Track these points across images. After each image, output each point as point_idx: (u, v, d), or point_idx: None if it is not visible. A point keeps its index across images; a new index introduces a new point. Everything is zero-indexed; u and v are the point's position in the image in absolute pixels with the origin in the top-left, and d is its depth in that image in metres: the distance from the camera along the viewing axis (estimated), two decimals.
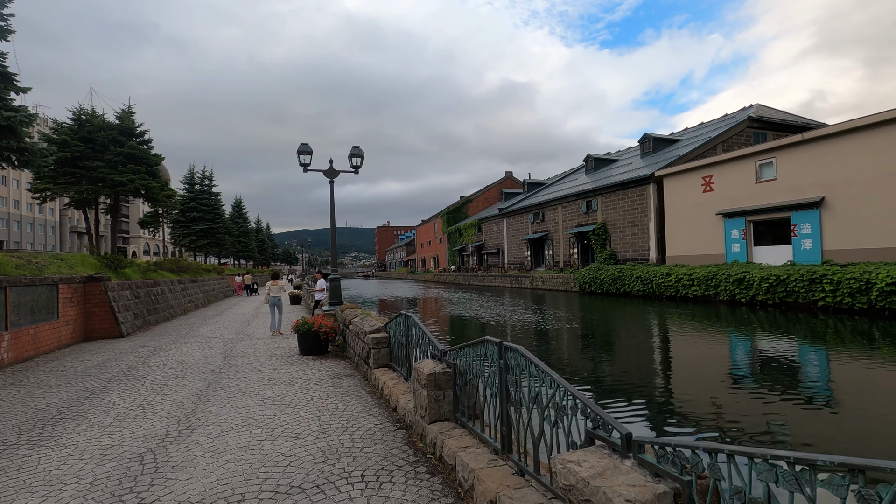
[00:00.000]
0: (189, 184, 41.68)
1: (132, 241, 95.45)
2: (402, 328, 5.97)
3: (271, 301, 13.00)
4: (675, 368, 10.34)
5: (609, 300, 28.85)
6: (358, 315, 8.69)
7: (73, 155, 18.84)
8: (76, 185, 19.03)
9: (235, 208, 64.20)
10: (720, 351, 12.25)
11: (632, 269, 30.63)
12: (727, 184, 27.35)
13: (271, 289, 13.18)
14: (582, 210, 40.23)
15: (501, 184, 77.17)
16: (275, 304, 12.97)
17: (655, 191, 32.70)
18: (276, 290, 13.15)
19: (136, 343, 11.63)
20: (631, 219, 34.89)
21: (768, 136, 34.94)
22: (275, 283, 13.30)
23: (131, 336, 13.01)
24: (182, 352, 10.08)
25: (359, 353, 7.72)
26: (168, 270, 21.74)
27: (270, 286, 13.26)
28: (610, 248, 36.57)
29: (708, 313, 20.28)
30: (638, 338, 14.49)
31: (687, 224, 29.92)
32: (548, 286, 39.61)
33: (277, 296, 13.13)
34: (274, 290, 13.13)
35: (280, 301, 13.14)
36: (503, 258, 54.75)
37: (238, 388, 6.71)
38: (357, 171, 11.65)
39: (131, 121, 21.05)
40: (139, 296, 15.09)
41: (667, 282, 27.15)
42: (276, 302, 12.99)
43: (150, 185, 19.90)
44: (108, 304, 12.60)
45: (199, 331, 13.97)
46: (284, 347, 10.27)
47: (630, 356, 11.50)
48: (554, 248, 44.62)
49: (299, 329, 9.02)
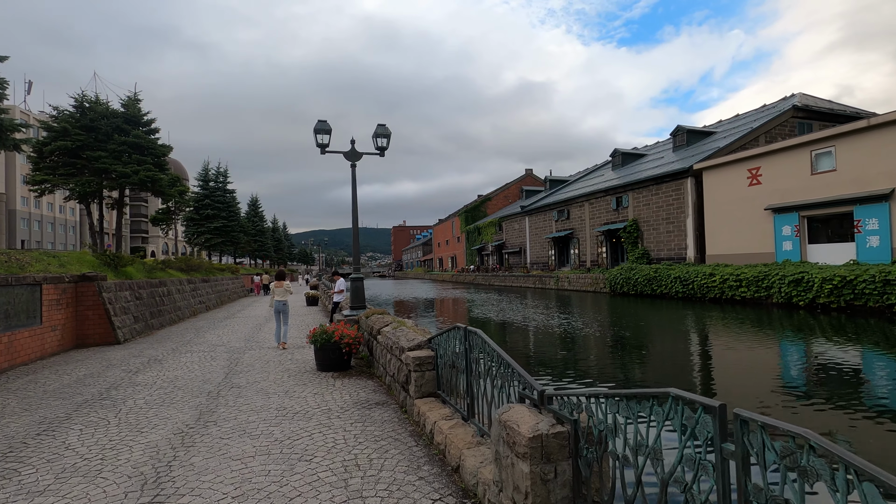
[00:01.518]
0: (203, 181, 40.52)
1: (151, 240, 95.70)
2: (458, 348, 4.27)
3: (276, 307, 10.69)
4: (739, 378, 8.53)
5: (645, 302, 26.81)
6: (389, 323, 7.03)
7: (73, 144, 17.47)
8: (77, 176, 17.78)
9: (251, 207, 63.31)
10: (791, 360, 10.32)
11: (669, 268, 28.53)
12: (777, 176, 25.11)
13: (275, 291, 10.74)
14: (611, 206, 38.15)
15: (521, 181, 75.12)
16: (280, 310, 10.65)
17: (694, 185, 30.53)
18: (280, 293, 10.72)
19: (131, 352, 10.15)
20: (666, 215, 32.74)
21: (814, 125, 32.55)
22: (279, 285, 10.77)
23: (129, 342, 11.56)
24: (179, 364, 8.53)
25: (392, 374, 6.05)
26: (178, 269, 20.43)
27: (274, 288, 10.80)
28: (642, 247, 34.46)
29: (762, 317, 18.25)
30: (696, 345, 12.58)
31: (730, 220, 27.70)
32: (575, 287, 37.61)
33: (283, 300, 10.71)
34: (279, 294, 10.70)
35: (287, 307, 10.78)
36: (525, 257, 52.81)
37: (236, 422, 5.07)
38: (383, 152, 10.01)
39: (137, 108, 19.61)
40: (141, 297, 13.68)
41: (710, 283, 25.02)
42: (282, 308, 10.67)
43: (157, 176, 18.42)
44: (103, 307, 11.16)
45: (204, 336, 12.47)
46: (299, 360, 8.65)
47: (696, 366, 9.64)
48: (580, 246, 42.58)
49: (316, 339, 7.40)
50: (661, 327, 16.78)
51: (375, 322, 7.49)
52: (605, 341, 13.41)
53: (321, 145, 9.50)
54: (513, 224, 56.07)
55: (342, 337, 7.30)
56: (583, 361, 10.64)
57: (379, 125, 9.78)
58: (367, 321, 8.13)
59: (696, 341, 13.57)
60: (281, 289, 10.90)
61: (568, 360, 10.68)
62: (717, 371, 9.59)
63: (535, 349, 12.45)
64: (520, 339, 14.44)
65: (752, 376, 9.09)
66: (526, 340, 14.11)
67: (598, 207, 40.24)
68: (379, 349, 6.98)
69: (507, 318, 20.10)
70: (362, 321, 8.65)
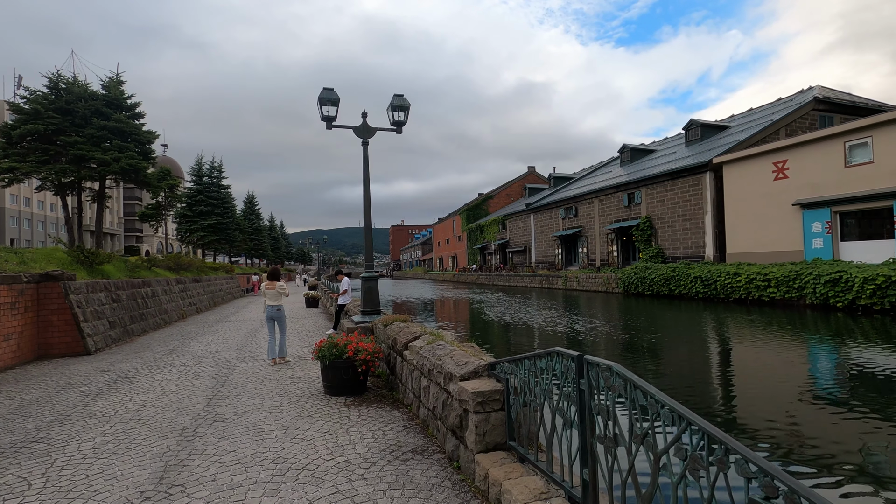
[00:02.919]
0: (197, 175, 38.54)
1: (146, 239, 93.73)
2: (566, 387, 2.70)
3: (268, 313, 8.63)
4: (786, 384, 7.00)
5: (663, 303, 25.32)
6: (417, 335, 5.44)
7: (46, 128, 15.57)
8: (51, 164, 15.94)
9: (248, 205, 61.53)
10: (836, 366, 8.77)
11: (688, 267, 27.04)
12: (806, 169, 23.61)
13: (267, 293, 8.73)
14: (622, 203, 36.63)
15: (524, 179, 73.60)
16: (274, 317, 8.62)
17: (713, 180, 29.03)
18: (273, 296, 8.67)
19: (100, 365, 8.52)
20: (682, 212, 31.25)
21: (835, 118, 31.16)
22: (271, 286, 8.73)
23: (101, 352, 9.93)
24: (153, 383, 6.92)
25: (431, 408, 4.46)
26: (166, 268, 18.77)
27: (265, 290, 8.79)
28: (656, 245, 32.97)
29: (797, 320, 16.81)
30: (737, 352, 11.02)
31: (753, 217, 26.20)
32: (584, 287, 36.10)
33: (277, 304, 8.67)
34: (270, 297, 8.66)
35: (282, 314, 8.76)
36: (530, 256, 51.25)
37: (214, 487, 3.42)
38: (400, 128, 8.40)
39: (119, 91, 17.55)
40: (119, 299, 12.04)
41: (735, 283, 23.53)
42: (276, 315, 8.63)
43: (141, 165, 16.58)
44: (70, 311, 9.53)
45: (190, 345, 10.83)
46: (301, 379, 7.04)
47: (745, 378, 8.09)
48: (589, 245, 41.06)
49: (324, 355, 5.78)
50: (704, 332, 15.17)
51: (399, 333, 5.90)
52: (655, 349, 11.85)
53: (327, 118, 7.90)
54: (517, 222, 54.51)
55: (357, 352, 5.70)
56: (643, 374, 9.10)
57: (396, 95, 8.17)
58: (386, 331, 6.53)
59: (751, 347, 11.99)
60: (273, 291, 8.77)
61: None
62: (769, 377, 8.06)
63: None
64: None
65: (796, 382, 7.59)
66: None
67: (608, 204, 38.74)
68: (406, 369, 5.39)
69: (529, 321, 18.51)
70: (378, 330, 7.06)
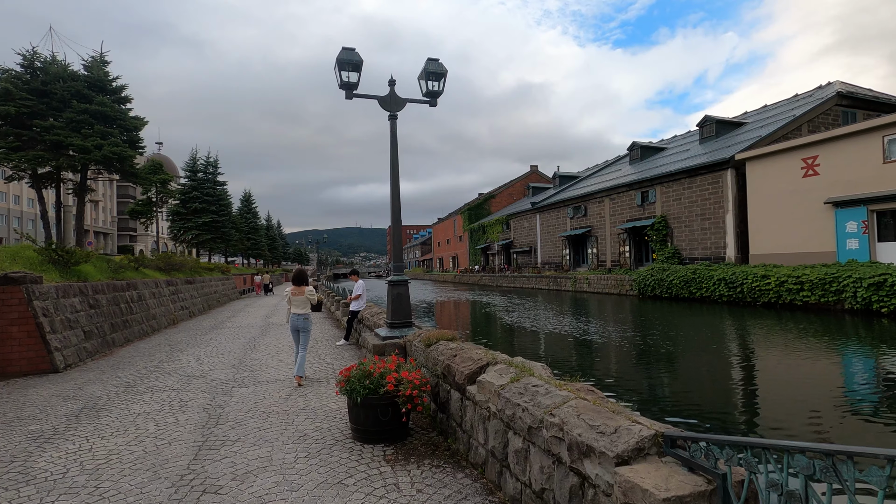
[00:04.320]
0: (191, 171, 36.70)
1: (140, 239, 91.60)
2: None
3: (293, 323, 7.35)
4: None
5: (682, 307, 23.95)
6: (487, 365, 3.93)
7: (19, 110, 13.83)
8: (23, 150, 14.25)
9: (244, 203, 59.76)
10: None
11: (710, 269, 25.66)
12: (839, 166, 22.26)
13: (293, 300, 7.44)
14: (636, 202, 35.24)
15: (527, 178, 72.19)
16: (300, 328, 7.34)
17: (734, 177, 27.67)
18: (300, 303, 7.40)
19: (66, 388, 6.95)
20: (700, 211, 29.88)
21: (858, 115, 29.98)
22: (298, 291, 7.46)
23: (72, 369, 8.35)
24: (126, 419, 5.35)
25: (529, 481, 2.96)
26: (155, 268, 17.17)
27: (291, 296, 7.49)
28: (672, 246, 31.60)
29: (838, 327, 15.44)
30: (804, 363, 9.56)
31: (779, 216, 24.82)
32: (595, 289, 34.67)
33: (304, 313, 7.37)
34: (298, 304, 7.39)
35: (308, 323, 7.44)
36: (536, 257, 49.81)
37: None
38: (434, 99, 6.88)
39: (103, 72, 15.92)
40: (98, 304, 10.46)
41: (763, 285, 22.15)
42: (303, 326, 7.35)
43: (126, 153, 14.81)
44: (34, 320, 7.97)
45: (179, 359, 9.26)
46: (318, 412, 5.46)
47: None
48: (599, 245, 39.65)
49: (354, 388, 4.23)
50: (742, 339, 13.67)
51: (454, 359, 4.38)
52: (729, 363, 10.39)
53: (347, 85, 6.38)
54: (522, 222, 53.05)
55: (400, 384, 4.21)
56: (696, 394, 7.63)
57: (430, 60, 6.66)
58: (430, 353, 5.00)
59: (810, 358, 10.51)
60: (301, 297, 7.44)
61: (685, 392, 7.69)
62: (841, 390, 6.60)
63: (648, 382, 9.38)
64: (602, 363, 11.37)
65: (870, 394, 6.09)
66: (608, 363, 11.04)
67: (619, 203, 37.34)
68: (472, 412, 3.88)
69: (555, 328, 17.01)
70: (416, 350, 5.55)
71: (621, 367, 10.48)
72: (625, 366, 10.54)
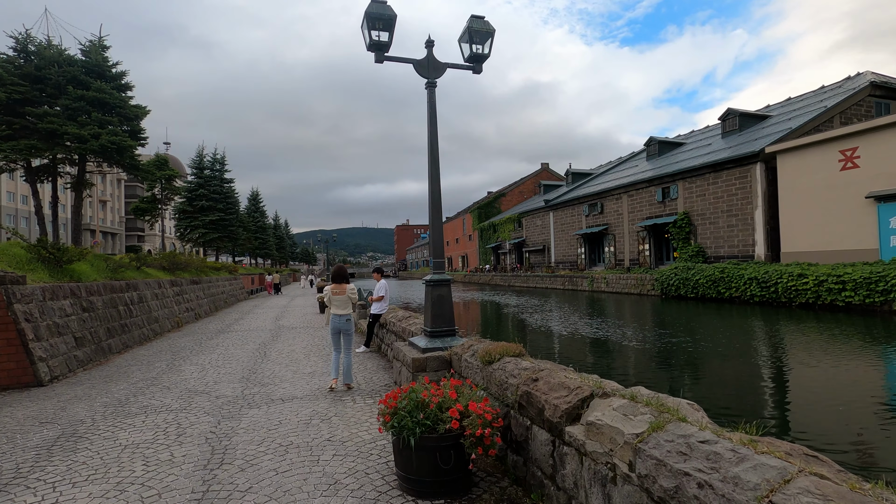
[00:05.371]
0: (198, 168, 35.72)
1: (148, 239, 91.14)
2: None
3: (334, 325, 6.69)
4: None
5: (711, 307, 22.74)
6: (590, 397, 2.83)
7: (10, 96, 12.76)
8: (14, 140, 13.26)
9: (252, 202, 58.96)
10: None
11: (739, 268, 24.38)
12: (882, 158, 20.90)
13: (333, 300, 6.78)
14: (656, 198, 33.93)
15: (537, 176, 70.88)
16: (342, 330, 6.70)
17: (764, 171, 26.32)
18: (341, 303, 6.74)
19: (45, 408, 5.90)
20: (726, 207, 28.56)
21: (891, 105, 28.50)
22: (339, 290, 6.77)
23: (58, 382, 7.32)
24: (109, 454, 4.27)
25: None
26: (159, 268, 16.20)
27: (331, 295, 6.79)
28: (696, 244, 30.29)
29: (892, 330, 14.12)
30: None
31: (815, 211, 23.46)
32: (614, 289, 33.42)
33: (345, 314, 6.74)
34: (338, 304, 6.73)
35: (351, 326, 6.80)
36: (549, 256, 48.56)
37: None
38: (478, 64, 5.76)
39: (102, 57, 14.76)
40: (92, 307, 9.45)
41: (800, 285, 20.86)
42: (345, 328, 6.73)
43: (125, 143, 13.71)
44: (15, 327, 6.96)
45: (181, 370, 8.21)
46: (348, 445, 4.32)
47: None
48: (616, 243, 38.37)
49: (405, 425, 3.12)
50: (795, 343, 12.39)
51: (538, 386, 3.27)
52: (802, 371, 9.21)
53: (377, 45, 5.27)
54: (535, 220, 51.81)
55: (467, 420, 3.12)
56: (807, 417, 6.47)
57: (473, 17, 5.53)
58: (493, 372, 3.90)
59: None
60: (343, 296, 6.76)
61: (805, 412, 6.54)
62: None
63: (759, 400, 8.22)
64: (656, 371, 10.22)
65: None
66: (664, 371, 9.88)
67: (638, 200, 36.04)
68: (585, 469, 2.76)
69: (583, 331, 15.83)
70: (468, 366, 4.44)
71: (680, 375, 9.33)
72: (684, 374, 9.39)
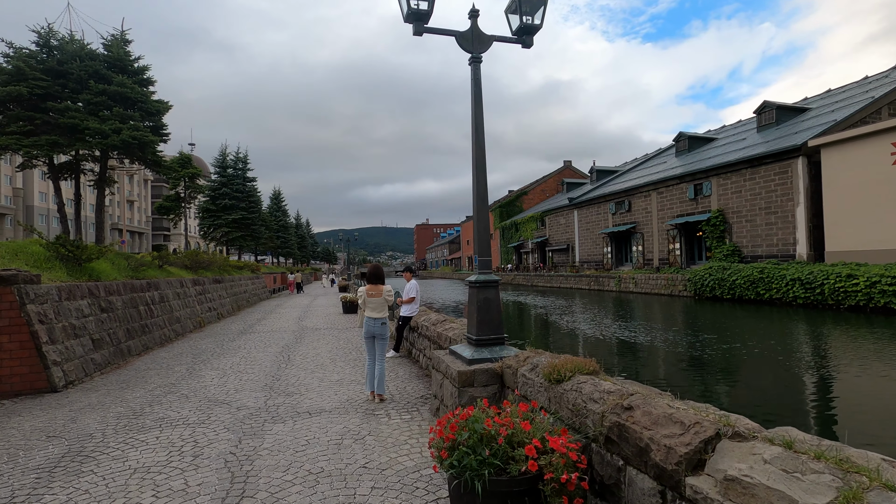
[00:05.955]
0: (220, 167, 35.78)
1: (174, 238, 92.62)
2: None
3: (368, 329, 6.05)
4: None
5: (750, 309, 21.62)
6: (714, 437, 2.17)
7: (31, 91, 12.65)
8: (35, 135, 13.05)
9: (274, 201, 59.21)
10: None
11: (780, 268, 23.10)
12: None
13: (368, 301, 6.10)
14: (687, 195, 32.63)
15: (560, 174, 69.58)
16: (375, 334, 6.03)
17: (806, 166, 24.92)
18: (377, 305, 6.07)
19: (55, 418, 5.41)
20: (764, 204, 27.19)
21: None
22: (374, 291, 6.09)
23: (73, 388, 6.89)
24: (116, 479, 3.69)
25: None
26: (181, 267, 15.93)
27: (366, 297, 6.12)
28: (731, 242, 28.97)
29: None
30: None
31: (864, 208, 22.04)
32: (643, 289, 32.26)
33: (381, 317, 6.06)
34: (373, 307, 6.05)
35: (386, 330, 6.15)
36: (574, 255, 47.44)
37: None
38: (528, 39, 5.06)
39: (124, 51, 14.63)
40: (112, 307, 9.07)
41: (850, 286, 19.56)
42: (380, 332, 6.05)
43: (147, 138, 13.43)
44: (28, 329, 6.55)
45: (201, 374, 7.72)
46: (390, 476, 3.66)
47: None
48: (645, 242, 37.12)
49: (465, 462, 2.43)
50: (862, 349, 11.31)
51: (635, 418, 2.58)
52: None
53: (416, 15, 4.63)
54: (558, 218, 50.72)
55: (545, 460, 2.47)
56: None
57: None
58: (565, 394, 3.23)
59: None
60: (378, 298, 6.09)
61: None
62: None
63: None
64: (719, 382, 9.39)
65: None
66: (728, 383, 9.04)
67: (668, 197, 34.75)
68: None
69: (620, 334, 14.97)
70: (528, 384, 3.78)
71: (759, 390, 8.49)
72: (762, 388, 8.55)
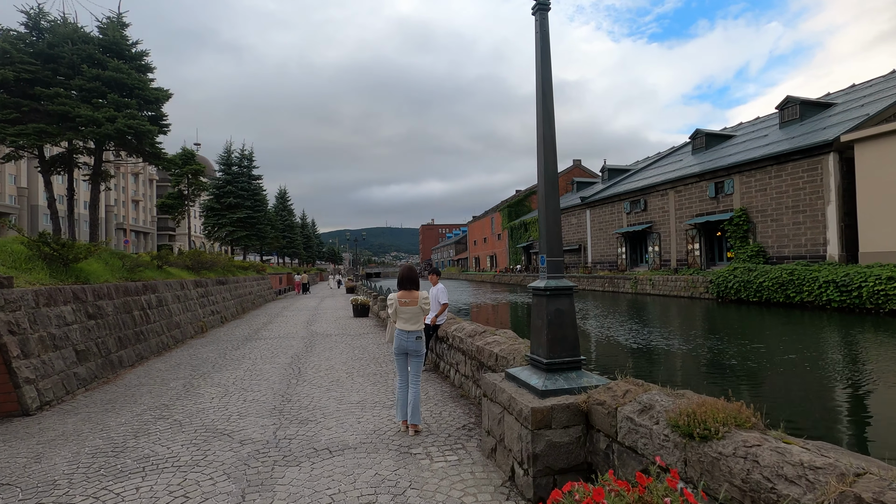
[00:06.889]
0: (225, 164, 34.78)
1: (179, 238, 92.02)
2: None
3: (400, 345, 5.07)
4: None
5: (780, 313, 20.51)
6: None
7: (18, 76, 11.70)
8: (22, 123, 12.07)
9: (280, 200, 58.37)
10: None
11: (811, 270, 21.93)
12: None
13: (400, 310, 5.09)
14: (707, 194, 31.44)
15: (569, 173, 68.40)
16: (409, 350, 5.06)
17: (837, 162, 23.73)
18: (411, 315, 5.07)
19: (12, 457, 4.43)
20: (791, 202, 25.98)
21: None
22: (409, 299, 5.10)
23: (48, 411, 5.88)
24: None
25: None
26: (183, 267, 14.98)
27: (398, 305, 5.09)
28: (755, 243, 27.77)
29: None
30: None
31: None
32: (661, 291, 31.10)
33: (416, 331, 5.07)
34: (406, 317, 5.07)
35: (421, 345, 5.13)
36: (586, 256, 46.29)
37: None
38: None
39: (120, 35, 13.58)
40: (101, 313, 8.09)
41: (890, 289, 18.41)
42: (414, 348, 5.08)
43: (144, 127, 12.42)
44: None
45: (199, 393, 6.72)
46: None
47: None
48: (661, 242, 35.93)
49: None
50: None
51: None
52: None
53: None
54: (569, 218, 49.57)
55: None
56: None
57: None
58: (724, 459, 2.21)
59: None
60: (414, 307, 5.10)
61: None
62: None
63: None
64: (788, 400, 8.29)
65: None
66: (795, 401, 7.96)
67: (686, 196, 33.55)
68: None
69: (653, 342, 13.89)
70: (635, 428, 2.77)
71: (810, 403, 7.41)
72: (813, 402, 7.47)
